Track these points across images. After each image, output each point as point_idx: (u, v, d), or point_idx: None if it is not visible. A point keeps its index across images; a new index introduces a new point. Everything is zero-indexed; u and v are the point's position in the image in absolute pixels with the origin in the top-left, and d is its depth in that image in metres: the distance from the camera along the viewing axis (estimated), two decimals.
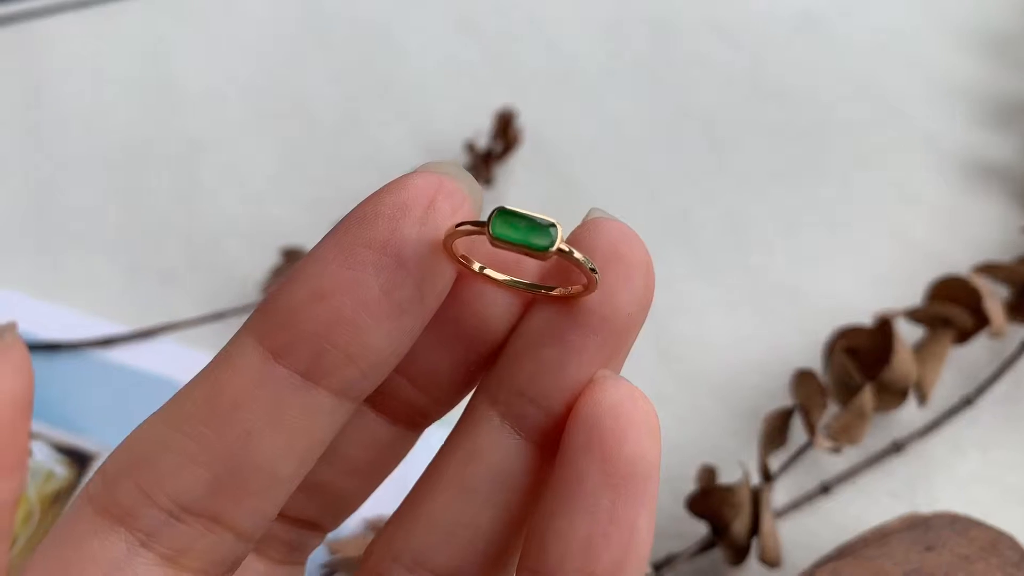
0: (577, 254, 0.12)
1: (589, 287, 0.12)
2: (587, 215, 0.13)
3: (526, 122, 0.34)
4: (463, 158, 0.34)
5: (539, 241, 0.11)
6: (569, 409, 0.12)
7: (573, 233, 0.13)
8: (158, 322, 0.29)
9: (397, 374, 0.13)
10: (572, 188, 0.33)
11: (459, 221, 0.12)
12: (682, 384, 0.28)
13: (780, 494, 0.26)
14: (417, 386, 0.13)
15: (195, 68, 0.37)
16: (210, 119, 0.35)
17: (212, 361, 0.12)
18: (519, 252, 0.11)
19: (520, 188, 0.33)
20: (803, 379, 0.26)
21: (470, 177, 0.12)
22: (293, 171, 0.34)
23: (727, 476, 0.26)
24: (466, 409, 0.13)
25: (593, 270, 0.12)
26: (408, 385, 0.13)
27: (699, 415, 0.28)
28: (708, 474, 0.25)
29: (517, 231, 0.11)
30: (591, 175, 0.34)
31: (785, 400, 0.28)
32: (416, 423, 0.14)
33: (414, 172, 0.12)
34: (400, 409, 0.14)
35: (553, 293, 0.13)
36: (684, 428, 0.28)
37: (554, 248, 0.11)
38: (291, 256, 0.30)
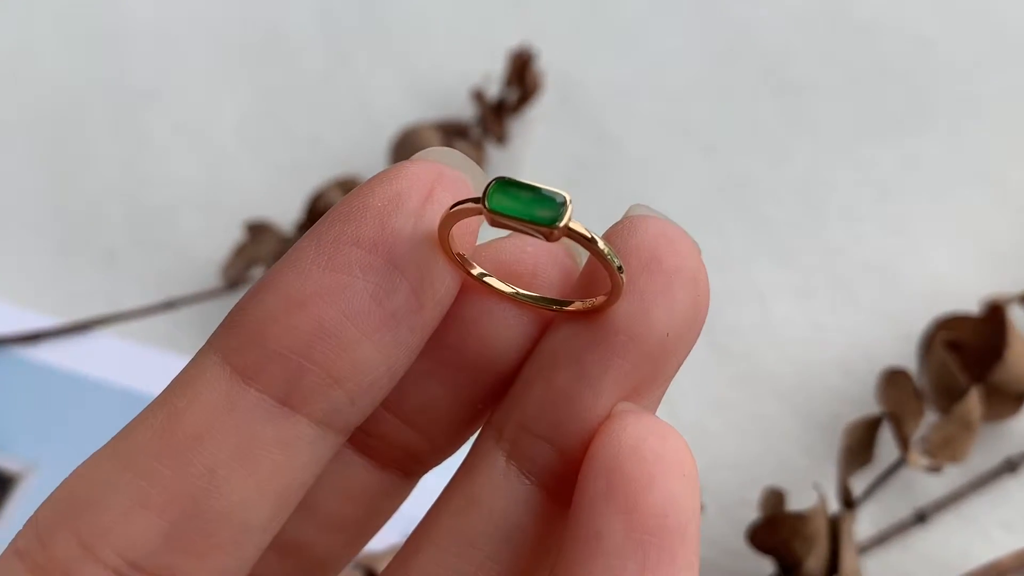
0: (601, 241, 0.12)
1: (612, 292, 0.12)
2: (626, 212, 0.13)
3: (548, 65, 0.34)
4: (470, 110, 0.34)
5: (544, 214, 0.11)
6: (586, 449, 0.12)
7: (606, 233, 0.13)
8: (95, 313, 0.29)
9: (386, 411, 0.13)
10: (605, 147, 0.33)
11: (453, 204, 0.12)
12: (742, 387, 0.29)
13: (865, 524, 0.26)
14: (411, 426, 0.14)
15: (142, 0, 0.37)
16: (160, 63, 0.35)
17: (169, 385, 0.12)
18: (521, 229, 0.11)
19: (540, 148, 0.33)
20: (894, 381, 0.26)
21: (475, 166, 0.13)
22: (263, 127, 0.34)
23: (798, 501, 0.26)
24: (471, 448, 0.13)
25: (620, 268, 0.12)
26: (400, 424, 0.14)
27: (763, 425, 0.28)
28: (775, 499, 0.25)
29: (518, 203, 0.11)
30: (629, 131, 0.34)
31: (871, 407, 0.28)
32: (410, 470, 0.14)
33: (409, 160, 0.12)
34: (391, 453, 0.14)
35: (569, 308, 0.13)
36: (744, 442, 0.28)
37: (562, 224, 0.11)
38: (258, 232, 0.30)
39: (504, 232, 0.12)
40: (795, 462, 0.27)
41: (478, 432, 0.14)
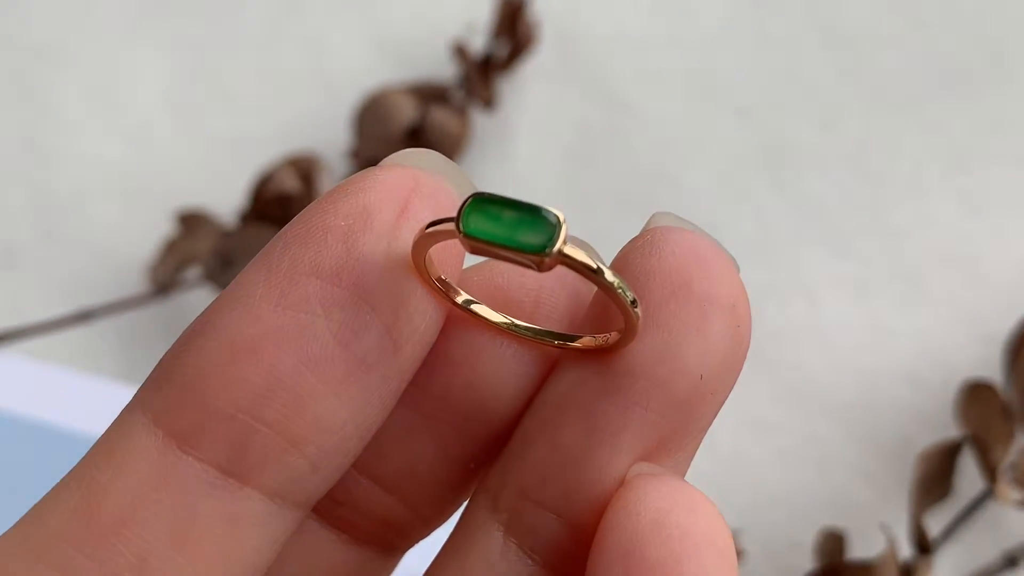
0: (607, 271, 0.11)
1: (627, 331, 0.12)
2: (648, 223, 0.13)
3: (544, 12, 0.33)
4: (450, 68, 0.33)
5: (531, 238, 0.11)
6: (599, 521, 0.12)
7: (622, 251, 0.12)
8: None
9: (360, 474, 0.13)
10: (615, 111, 0.33)
11: (427, 224, 0.11)
12: (789, 403, 0.28)
13: (945, 571, 0.26)
14: (390, 492, 0.13)
15: None
16: (65, 14, 0.34)
17: (88, 454, 0.12)
18: (504, 258, 0.11)
19: (536, 113, 0.32)
20: (977, 395, 0.26)
21: (460, 171, 0.12)
22: (195, 93, 0.33)
23: (862, 546, 0.26)
24: (461, 517, 0.13)
25: (634, 302, 0.11)
26: (377, 490, 0.13)
27: (817, 451, 0.28)
28: (833, 542, 0.25)
29: (500, 225, 0.11)
30: (645, 91, 0.33)
31: (949, 429, 0.27)
32: (390, 545, 0.14)
33: (378, 167, 0.12)
34: (366, 525, 0.14)
35: (575, 345, 0.12)
36: (794, 471, 0.28)
37: (553, 250, 0.11)
38: (192, 223, 0.29)
39: None
40: (856, 497, 0.27)
41: (470, 500, 0.13)
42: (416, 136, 0.30)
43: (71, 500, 0.11)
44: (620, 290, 0.11)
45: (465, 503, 0.13)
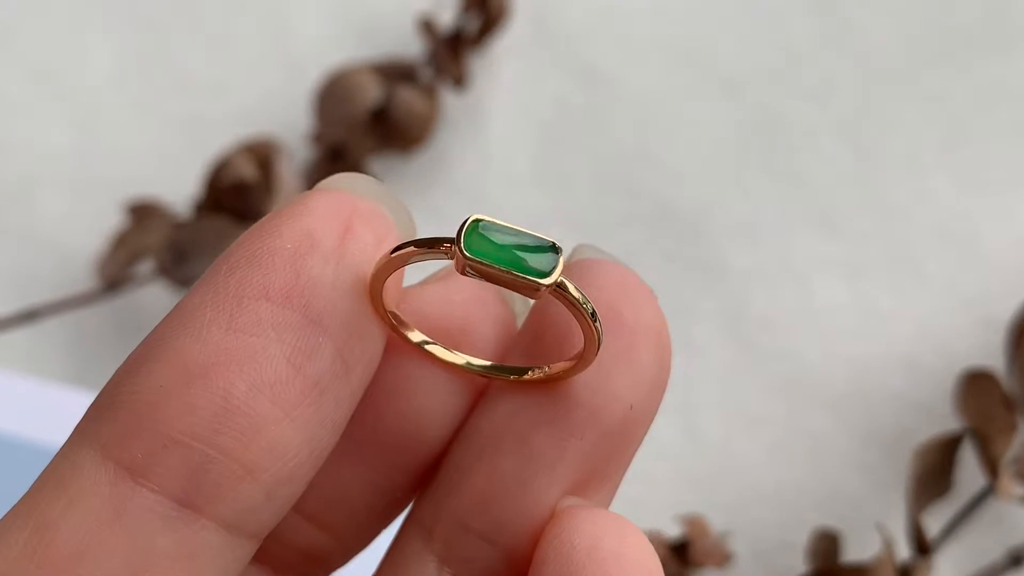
0: (590, 304, 0.12)
1: (585, 356, 0.12)
2: (572, 254, 0.13)
3: None
4: (417, 45, 0.32)
5: (534, 264, 0.12)
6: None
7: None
8: None
9: None
10: (594, 86, 0.32)
11: (393, 248, 0.12)
12: (779, 396, 0.28)
13: (945, 572, 0.26)
14: (313, 522, 0.14)
15: None
16: None
17: (35, 486, 0.12)
18: (502, 281, 0.12)
19: (510, 91, 0.32)
20: (977, 385, 0.26)
21: (391, 195, 0.13)
22: (145, 73, 0.33)
23: (857, 546, 0.26)
24: (390, 547, 0.13)
25: (593, 314, 0.12)
26: (300, 521, 0.14)
27: (809, 445, 0.28)
28: (826, 543, 0.25)
29: (501, 250, 0.12)
30: (624, 64, 0.33)
31: (948, 421, 0.27)
32: (310, 574, 0.14)
33: (314, 191, 0.13)
34: (288, 557, 0.14)
35: (527, 377, 0.13)
36: (785, 468, 0.27)
37: (554, 279, 0.12)
38: (143, 214, 0.29)
39: (403, 275, 0.13)
40: (851, 493, 0.27)
41: (398, 530, 0.14)
42: (381, 118, 0.30)
43: (20, 536, 0.11)
44: (597, 327, 0.12)
45: (385, 531, 0.14)
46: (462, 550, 0.13)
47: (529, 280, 0.12)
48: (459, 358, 0.13)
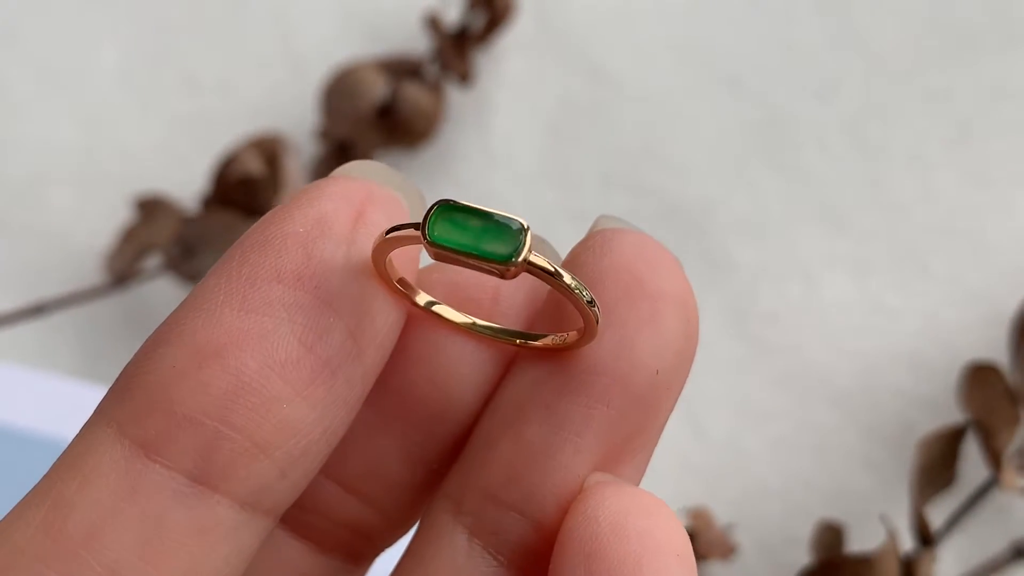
0: (565, 274, 0.12)
1: (586, 330, 0.12)
2: (594, 225, 0.13)
3: None
4: (423, 41, 0.32)
5: (497, 248, 0.11)
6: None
7: (572, 252, 0.13)
8: None
9: (324, 476, 0.14)
10: (599, 84, 0.32)
11: (388, 229, 0.12)
12: (785, 391, 0.28)
13: (949, 564, 0.26)
14: (356, 495, 0.14)
15: None
16: None
17: (53, 467, 0.12)
18: (469, 265, 0.12)
19: (515, 88, 0.32)
20: (980, 378, 0.26)
21: (407, 181, 0.13)
22: (153, 71, 0.33)
23: (861, 539, 0.26)
24: (421, 521, 0.14)
25: (591, 303, 0.12)
26: (343, 494, 0.14)
27: (813, 439, 0.28)
28: (831, 535, 0.25)
29: (466, 233, 0.12)
30: (629, 61, 0.33)
31: (952, 414, 0.27)
32: (359, 552, 0.14)
33: (330, 178, 0.13)
34: (334, 532, 0.14)
35: (537, 344, 0.13)
36: (790, 462, 0.28)
37: (519, 259, 0.11)
38: (151, 209, 0.29)
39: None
40: (856, 487, 0.27)
41: (429, 503, 0.14)
42: (387, 114, 0.30)
43: (37, 515, 0.12)
44: (578, 291, 0.12)
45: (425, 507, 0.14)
46: (492, 522, 0.13)
47: (494, 264, 0.11)
48: (464, 318, 0.13)
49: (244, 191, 0.28)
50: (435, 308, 0.13)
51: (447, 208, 0.12)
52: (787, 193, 0.31)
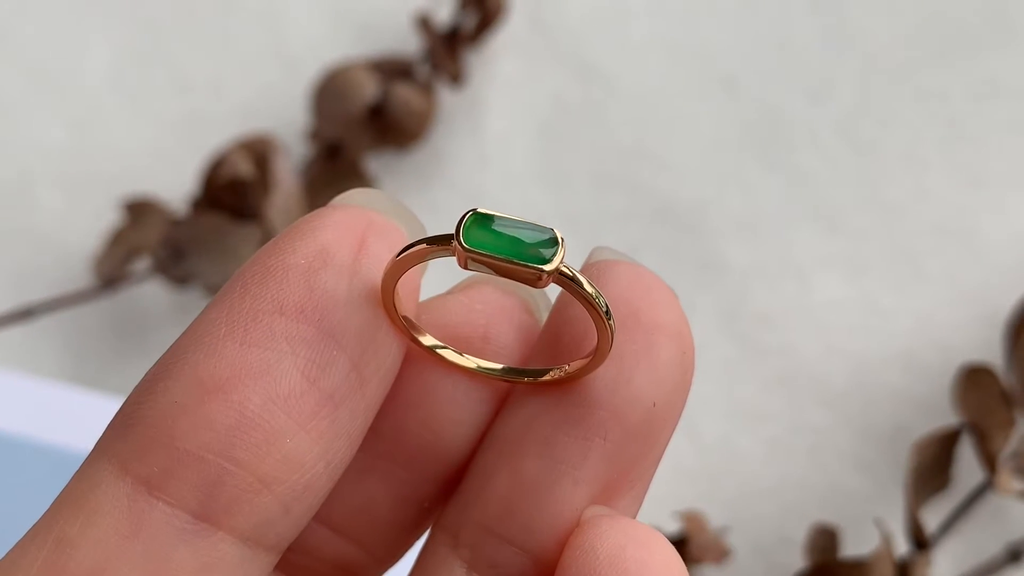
0: (586, 284, 0.12)
1: (598, 349, 0.12)
2: (589, 256, 0.13)
3: None
4: (414, 41, 0.32)
5: (534, 254, 0.12)
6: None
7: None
8: None
9: (313, 519, 0.13)
10: (593, 84, 0.33)
11: (399, 251, 0.12)
12: (778, 392, 0.28)
13: (944, 567, 0.26)
14: (343, 535, 0.14)
15: None
16: None
17: (53, 505, 0.12)
18: (503, 271, 0.12)
19: (508, 88, 0.32)
20: (975, 380, 0.26)
21: (407, 209, 0.13)
22: (142, 71, 0.33)
23: (856, 542, 0.26)
24: (419, 555, 0.14)
25: (607, 314, 0.12)
26: (330, 535, 0.14)
27: (808, 441, 0.28)
28: (825, 538, 0.25)
29: (501, 239, 0.12)
30: (622, 61, 0.33)
31: (947, 416, 0.27)
32: None
33: (330, 207, 0.13)
34: (319, 570, 0.14)
35: (544, 379, 0.13)
36: (784, 464, 0.28)
37: (554, 266, 0.12)
38: (140, 211, 0.29)
39: (421, 287, 0.13)
40: (850, 489, 0.27)
41: (426, 537, 0.14)
42: (378, 115, 0.30)
43: (39, 554, 0.12)
44: (596, 296, 0.12)
45: (418, 542, 0.14)
46: (489, 555, 0.13)
47: (530, 268, 0.12)
48: (470, 362, 0.13)
49: (233, 193, 0.28)
50: (441, 352, 0.13)
51: (480, 216, 0.12)
52: (780, 193, 0.31)
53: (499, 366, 0.13)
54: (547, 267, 0.12)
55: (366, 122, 0.30)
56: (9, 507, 0.23)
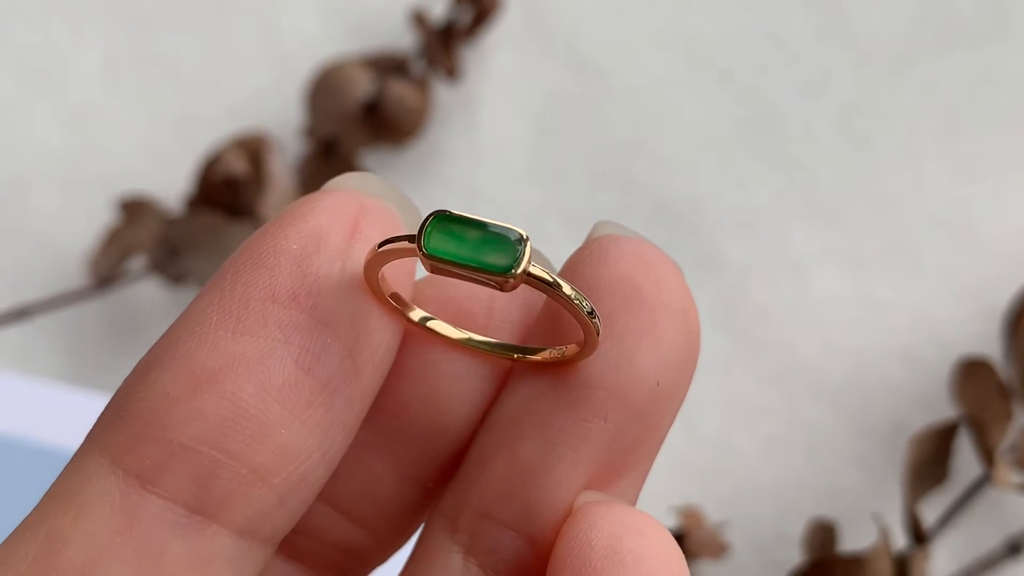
0: (565, 285, 0.11)
1: (587, 342, 0.12)
2: (591, 232, 0.13)
3: None
4: (409, 37, 0.32)
5: (496, 259, 0.11)
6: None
7: (570, 261, 0.13)
8: None
9: (318, 500, 0.13)
10: (588, 79, 0.33)
11: (382, 241, 0.12)
12: (776, 387, 0.28)
13: (942, 561, 0.26)
14: (348, 517, 0.14)
15: None
16: None
17: (44, 498, 0.12)
18: (466, 278, 0.11)
19: (503, 83, 0.32)
20: (973, 373, 0.26)
21: (401, 194, 0.13)
22: (136, 70, 0.33)
23: (854, 537, 0.26)
24: (417, 541, 0.14)
25: (591, 313, 0.12)
26: (335, 516, 0.14)
27: (805, 437, 0.28)
28: (823, 533, 0.25)
29: (463, 245, 0.11)
30: (617, 56, 0.33)
31: (945, 409, 0.27)
32: (349, 572, 0.14)
33: (322, 191, 0.13)
34: (325, 554, 0.14)
35: (535, 358, 0.13)
36: (781, 459, 0.28)
37: (519, 270, 0.11)
38: (135, 210, 0.29)
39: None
40: (848, 484, 0.27)
41: (425, 523, 0.14)
42: (373, 111, 0.30)
43: (30, 549, 0.11)
44: (578, 302, 0.12)
45: (422, 526, 0.14)
46: (487, 541, 0.13)
47: (492, 276, 0.11)
48: (460, 334, 0.13)
49: (228, 191, 0.28)
50: (430, 324, 0.13)
51: (443, 219, 0.11)
52: (777, 187, 0.31)
53: (489, 340, 0.13)
54: (512, 273, 0.11)
55: (361, 119, 0.30)
56: (4, 507, 0.23)
